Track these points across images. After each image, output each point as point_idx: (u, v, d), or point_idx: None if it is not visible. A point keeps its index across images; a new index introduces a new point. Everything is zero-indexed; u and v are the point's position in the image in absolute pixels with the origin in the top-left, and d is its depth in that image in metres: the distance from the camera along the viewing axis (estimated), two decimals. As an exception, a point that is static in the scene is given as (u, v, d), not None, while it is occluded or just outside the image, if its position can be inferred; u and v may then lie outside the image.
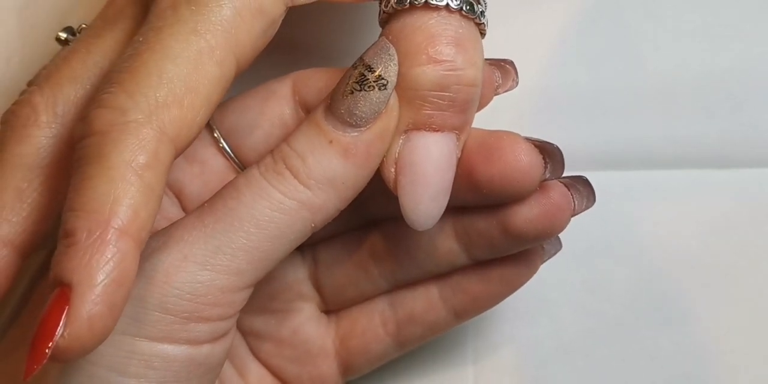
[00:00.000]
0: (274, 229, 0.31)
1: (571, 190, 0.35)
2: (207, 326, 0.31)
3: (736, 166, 0.43)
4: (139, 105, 0.29)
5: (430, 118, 0.32)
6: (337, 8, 0.42)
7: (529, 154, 0.33)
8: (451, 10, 0.32)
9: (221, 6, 0.31)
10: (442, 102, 0.32)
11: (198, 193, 0.36)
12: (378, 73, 0.31)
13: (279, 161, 0.32)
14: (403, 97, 0.32)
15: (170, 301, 0.30)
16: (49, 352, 0.27)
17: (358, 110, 0.31)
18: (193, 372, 0.32)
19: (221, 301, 0.31)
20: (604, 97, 0.44)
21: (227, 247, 0.31)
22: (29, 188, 0.33)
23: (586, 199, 0.35)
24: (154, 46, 0.30)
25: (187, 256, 0.31)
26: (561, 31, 0.44)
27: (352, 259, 0.37)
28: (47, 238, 0.33)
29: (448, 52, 0.31)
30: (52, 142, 0.33)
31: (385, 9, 0.32)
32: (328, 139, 0.32)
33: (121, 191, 0.28)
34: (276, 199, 0.31)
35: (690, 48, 0.44)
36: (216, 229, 0.31)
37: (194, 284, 0.31)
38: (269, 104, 0.36)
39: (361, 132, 0.32)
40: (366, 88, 0.31)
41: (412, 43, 0.32)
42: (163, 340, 0.31)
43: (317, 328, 0.38)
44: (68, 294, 0.27)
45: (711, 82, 0.44)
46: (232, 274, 0.31)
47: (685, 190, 0.43)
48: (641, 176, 0.43)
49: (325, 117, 0.32)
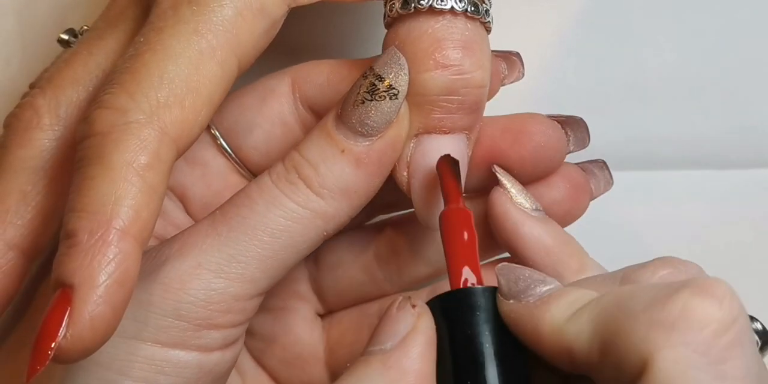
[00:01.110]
0: (288, 238, 0.31)
1: (589, 174, 0.36)
2: (219, 333, 0.31)
3: (735, 167, 0.43)
4: (140, 105, 0.29)
5: (440, 121, 0.32)
6: (339, 8, 0.42)
7: (556, 131, 0.34)
8: (456, 12, 0.32)
9: (223, 6, 0.31)
10: (452, 105, 0.32)
11: (201, 196, 0.36)
12: (388, 83, 0.31)
13: (291, 170, 0.32)
14: (412, 103, 0.32)
15: (184, 307, 0.31)
16: (52, 353, 0.27)
17: (369, 120, 0.32)
18: (202, 379, 0.32)
19: (234, 308, 0.31)
20: (603, 97, 0.44)
21: (241, 255, 0.31)
22: (33, 191, 0.33)
23: (603, 181, 0.36)
24: (155, 47, 0.30)
25: (202, 264, 0.31)
26: (559, 32, 0.44)
27: (356, 262, 0.38)
28: (53, 240, 0.33)
29: (456, 56, 0.31)
30: (55, 144, 0.34)
31: (390, 13, 0.32)
32: (340, 148, 0.32)
33: (122, 192, 0.28)
34: (289, 209, 0.31)
35: (689, 49, 0.44)
36: (230, 237, 0.31)
37: (208, 292, 0.31)
38: (268, 103, 0.36)
39: (373, 141, 0.32)
40: (377, 98, 0.31)
41: (419, 48, 0.32)
42: (175, 346, 0.31)
43: (310, 331, 0.38)
44: (70, 295, 0.27)
45: (710, 82, 0.44)
46: (246, 282, 0.31)
47: (684, 191, 0.43)
48: (640, 177, 0.43)
49: (336, 126, 0.32)
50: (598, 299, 0.28)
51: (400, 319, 0.30)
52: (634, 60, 0.44)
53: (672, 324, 0.26)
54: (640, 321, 0.26)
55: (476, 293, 0.30)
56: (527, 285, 0.30)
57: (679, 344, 0.25)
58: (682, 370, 0.25)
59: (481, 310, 0.30)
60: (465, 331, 0.29)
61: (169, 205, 0.36)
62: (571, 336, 0.28)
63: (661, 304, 0.26)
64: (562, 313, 0.28)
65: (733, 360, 0.26)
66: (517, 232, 0.34)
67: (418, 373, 0.29)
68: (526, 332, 0.29)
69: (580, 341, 0.28)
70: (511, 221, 0.34)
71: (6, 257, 0.33)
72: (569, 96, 0.44)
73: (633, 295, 0.28)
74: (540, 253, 0.33)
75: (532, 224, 0.34)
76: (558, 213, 0.35)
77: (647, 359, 0.26)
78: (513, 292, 0.30)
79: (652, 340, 0.26)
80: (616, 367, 0.27)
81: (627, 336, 0.26)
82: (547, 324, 0.28)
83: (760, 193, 0.43)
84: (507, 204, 0.34)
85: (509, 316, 0.30)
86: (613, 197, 0.37)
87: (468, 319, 0.30)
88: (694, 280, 0.27)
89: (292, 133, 0.36)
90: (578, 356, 0.28)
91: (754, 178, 0.43)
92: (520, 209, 0.34)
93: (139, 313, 0.30)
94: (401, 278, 0.37)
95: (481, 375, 0.29)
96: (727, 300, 0.26)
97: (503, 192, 0.34)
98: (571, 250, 0.34)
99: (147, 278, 0.31)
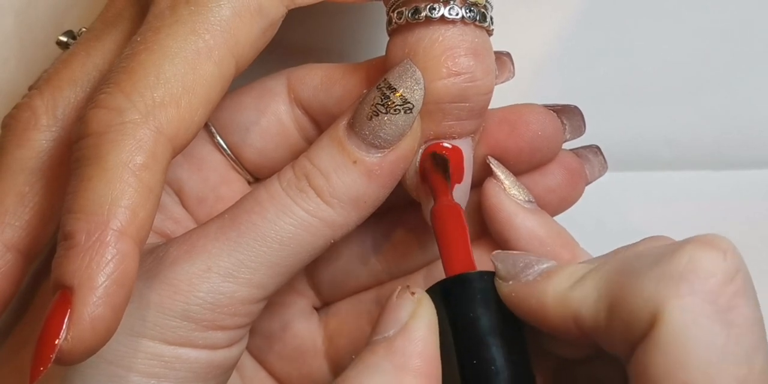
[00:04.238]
0: (296, 246, 0.32)
1: (583, 159, 0.36)
2: (224, 334, 0.32)
3: (733, 168, 0.43)
4: (136, 105, 0.29)
5: (450, 128, 0.33)
6: (338, 10, 0.42)
7: (553, 119, 0.34)
8: (466, 22, 0.32)
9: (220, 6, 0.31)
10: (462, 112, 0.32)
11: (197, 191, 0.36)
12: (401, 94, 0.31)
13: (302, 178, 0.32)
14: (423, 110, 0.32)
15: (192, 309, 0.31)
16: (54, 355, 0.27)
17: (383, 133, 0.32)
18: (212, 372, 0.32)
19: (241, 311, 0.31)
20: (601, 98, 0.44)
21: (250, 261, 0.31)
22: (31, 192, 0.33)
23: (598, 166, 0.36)
24: (152, 46, 0.30)
25: (211, 268, 0.31)
26: (557, 32, 0.44)
27: (354, 255, 0.38)
28: (51, 241, 0.34)
29: (468, 64, 0.32)
30: (53, 145, 0.34)
31: (398, 21, 0.32)
32: (352, 159, 0.32)
33: (118, 192, 0.28)
34: (299, 217, 0.31)
35: (687, 49, 0.44)
36: (240, 243, 0.31)
37: (217, 295, 0.31)
38: (265, 102, 0.36)
39: (385, 154, 0.32)
40: (392, 112, 0.31)
41: (431, 56, 0.32)
42: (183, 345, 0.31)
43: (308, 324, 0.38)
44: (70, 297, 0.27)
45: (707, 83, 0.44)
46: (254, 286, 0.31)
47: (682, 192, 0.43)
48: (638, 177, 0.43)
49: (348, 136, 0.32)
50: (600, 265, 0.29)
51: (401, 306, 0.30)
52: (630, 61, 0.44)
53: (680, 275, 0.27)
54: (647, 277, 0.27)
55: (474, 277, 0.31)
56: (525, 265, 0.31)
57: (687, 294, 0.26)
58: (692, 319, 0.26)
59: (480, 292, 0.31)
60: (467, 314, 0.30)
61: (167, 199, 0.36)
62: (576, 302, 0.28)
63: (667, 258, 0.27)
64: (565, 282, 0.29)
65: (739, 308, 0.26)
66: (511, 224, 0.34)
67: (423, 355, 0.29)
68: (530, 308, 0.30)
69: (586, 305, 0.28)
70: (504, 213, 0.34)
71: (4, 258, 0.33)
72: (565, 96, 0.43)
73: (638, 256, 0.29)
74: (533, 244, 0.34)
75: (525, 215, 0.34)
76: (554, 200, 0.35)
77: (657, 312, 0.26)
78: (511, 274, 0.30)
79: (661, 292, 0.27)
80: (626, 325, 0.27)
81: (635, 292, 0.27)
82: (550, 294, 0.29)
83: (756, 193, 0.43)
84: (501, 195, 0.34)
85: (510, 296, 0.30)
86: (610, 198, 0.37)
87: (468, 302, 0.30)
88: (697, 236, 0.28)
89: (287, 131, 0.36)
90: (586, 321, 0.28)
91: (751, 179, 0.43)
92: (514, 201, 0.34)
93: (147, 313, 0.31)
94: (398, 268, 0.37)
95: (485, 353, 0.30)
96: (730, 252, 0.27)
97: (497, 184, 0.34)
98: (563, 241, 0.34)
99: (155, 278, 0.31)
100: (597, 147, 0.36)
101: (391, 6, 0.33)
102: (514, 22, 0.43)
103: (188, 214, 0.36)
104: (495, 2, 0.33)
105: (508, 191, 0.34)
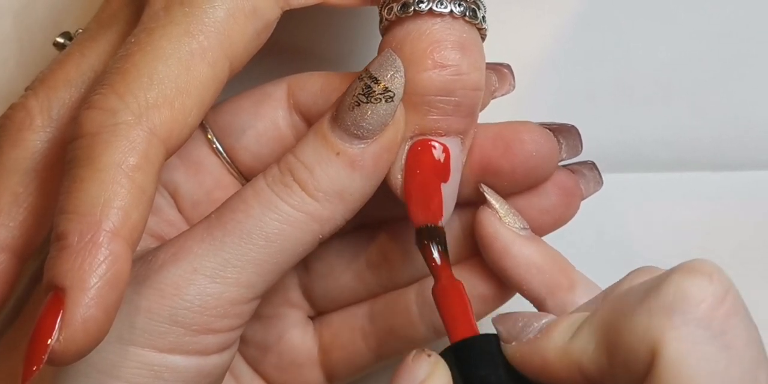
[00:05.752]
0: (283, 242, 0.31)
1: (578, 176, 0.35)
2: (216, 338, 0.31)
3: (729, 169, 0.43)
4: (130, 106, 0.29)
5: (436, 123, 0.32)
6: (334, 12, 0.42)
7: (548, 139, 0.34)
8: (455, 16, 0.32)
9: (214, 7, 0.31)
10: (448, 107, 0.32)
11: (193, 193, 0.36)
12: (384, 85, 0.31)
13: (286, 173, 0.32)
14: (408, 103, 0.32)
15: (180, 313, 0.31)
16: (46, 356, 0.27)
17: (365, 122, 0.31)
18: (200, 382, 0.32)
19: (230, 312, 0.31)
20: (598, 99, 0.44)
21: (237, 260, 0.31)
22: (25, 192, 0.33)
23: (593, 182, 0.36)
24: (146, 48, 0.30)
25: (197, 269, 0.31)
26: (554, 33, 0.44)
27: (348, 269, 0.37)
28: (45, 241, 0.33)
29: (454, 57, 0.31)
30: (48, 145, 0.34)
31: (387, 17, 0.32)
32: (335, 151, 0.32)
33: (111, 193, 0.28)
34: (284, 212, 0.31)
35: (685, 50, 0.44)
36: (225, 242, 0.31)
37: (204, 297, 0.31)
38: (263, 106, 0.35)
39: (368, 144, 0.32)
40: (372, 101, 0.31)
41: (417, 48, 0.31)
42: (172, 352, 0.31)
43: (302, 336, 0.38)
44: (62, 298, 0.27)
45: (704, 84, 0.43)
46: (242, 286, 0.31)
47: (678, 193, 0.43)
48: (636, 179, 0.43)
49: (332, 129, 0.32)
50: (593, 312, 0.29)
51: (417, 367, 0.30)
52: (628, 62, 0.44)
53: (670, 306, 0.26)
54: (638, 313, 0.27)
55: (483, 340, 0.31)
56: (524, 324, 0.30)
57: (681, 324, 0.26)
58: (689, 348, 0.26)
59: (490, 353, 0.30)
60: (479, 373, 0.30)
61: (161, 202, 0.35)
62: (577, 353, 0.28)
63: (654, 292, 0.27)
64: (565, 335, 0.29)
65: (734, 329, 0.26)
66: (508, 253, 0.34)
67: None
68: (535, 367, 0.29)
69: (587, 355, 0.28)
70: (500, 242, 0.34)
71: None
72: (562, 97, 0.44)
73: (626, 295, 0.28)
74: (531, 272, 0.33)
75: (521, 244, 0.34)
76: (549, 221, 0.35)
77: (654, 347, 0.26)
78: (513, 334, 0.30)
79: (655, 326, 0.26)
80: (627, 366, 0.27)
81: (630, 331, 0.27)
82: (551, 350, 0.29)
83: (754, 194, 0.43)
84: (496, 224, 0.34)
85: (515, 357, 0.30)
86: (607, 199, 0.37)
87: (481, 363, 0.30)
88: (680, 264, 0.27)
89: (284, 137, 0.35)
90: (590, 370, 0.28)
91: (749, 180, 0.43)
92: (509, 229, 0.34)
93: (136, 319, 0.30)
94: (392, 281, 0.37)
95: None
96: (715, 274, 0.27)
97: (491, 212, 0.34)
98: (560, 267, 0.34)
99: (143, 283, 0.31)
100: (592, 162, 0.36)
101: (382, 4, 0.33)
102: (511, 24, 0.43)
103: (183, 217, 0.36)
104: (491, 4, 0.33)
105: (503, 219, 0.34)
